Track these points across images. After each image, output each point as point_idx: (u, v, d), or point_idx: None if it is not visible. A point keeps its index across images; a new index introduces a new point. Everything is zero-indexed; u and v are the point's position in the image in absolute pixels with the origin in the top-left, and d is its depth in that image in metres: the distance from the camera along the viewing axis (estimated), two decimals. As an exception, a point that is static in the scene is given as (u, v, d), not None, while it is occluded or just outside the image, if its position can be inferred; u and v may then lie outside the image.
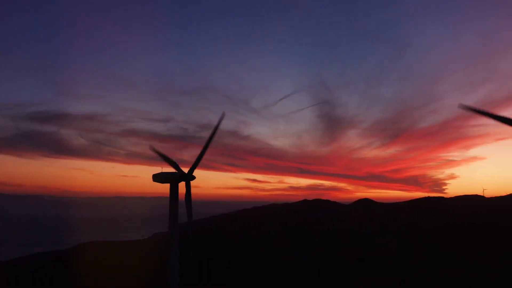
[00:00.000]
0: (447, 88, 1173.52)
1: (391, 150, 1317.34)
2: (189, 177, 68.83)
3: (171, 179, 67.33)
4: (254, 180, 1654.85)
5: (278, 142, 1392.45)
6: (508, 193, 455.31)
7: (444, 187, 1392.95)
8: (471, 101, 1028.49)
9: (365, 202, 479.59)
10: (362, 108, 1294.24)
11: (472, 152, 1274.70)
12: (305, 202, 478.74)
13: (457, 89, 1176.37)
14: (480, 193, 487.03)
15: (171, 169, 69.10)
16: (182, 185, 69.81)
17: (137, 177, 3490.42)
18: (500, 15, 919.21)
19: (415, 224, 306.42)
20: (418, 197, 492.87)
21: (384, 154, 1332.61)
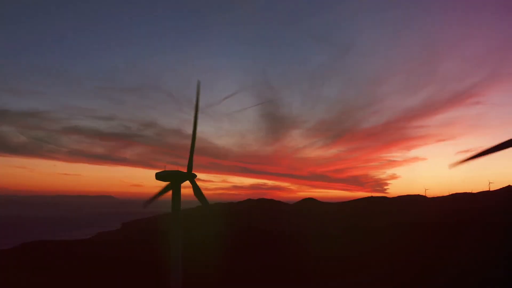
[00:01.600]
0: (389, 89, 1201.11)
1: (333, 150, 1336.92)
2: (191, 176, 70.04)
3: (173, 177, 68.13)
4: (197, 179, 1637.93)
5: (221, 141, 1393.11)
6: (450, 193, 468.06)
7: (385, 187, 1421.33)
8: (412, 102, 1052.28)
9: (309, 202, 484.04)
10: (305, 108, 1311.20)
11: (414, 152, 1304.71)
12: (249, 202, 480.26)
13: (399, 91, 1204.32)
14: (422, 193, 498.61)
15: (171, 168, 70.00)
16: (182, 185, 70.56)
17: (80, 176, 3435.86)
18: (441, 18, 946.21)
19: (359, 224, 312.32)
20: (361, 197, 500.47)
21: (327, 154, 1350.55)
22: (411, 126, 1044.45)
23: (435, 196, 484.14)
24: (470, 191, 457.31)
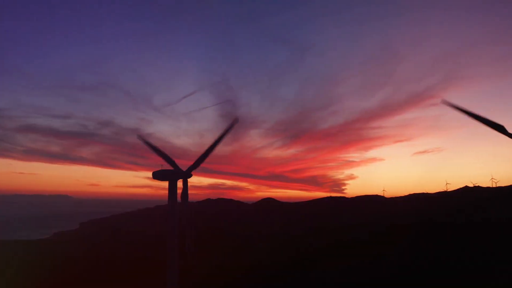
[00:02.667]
0: (347, 90, 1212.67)
1: (292, 151, 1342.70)
2: (187, 175, 68.31)
3: (171, 176, 66.39)
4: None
5: (180, 141, 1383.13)
6: (407, 194, 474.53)
7: (343, 188, 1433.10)
8: (370, 103, 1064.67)
9: (269, 202, 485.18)
10: (264, 108, 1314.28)
11: (371, 153, 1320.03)
12: (208, 202, 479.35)
13: (357, 92, 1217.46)
14: (380, 193, 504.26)
15: (166, 167, 68.61)
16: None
17: (35, 175, 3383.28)
18: (399, 20, 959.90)
19: (320, 224, 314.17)
20: (319, 197, 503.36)
21: (285, 154, 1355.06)
22: (369, 127, 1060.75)
23: (393, 196, 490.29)
24: (427, 192, 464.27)
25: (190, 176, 67.73)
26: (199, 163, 68.30)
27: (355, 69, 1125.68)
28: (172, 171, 66.28)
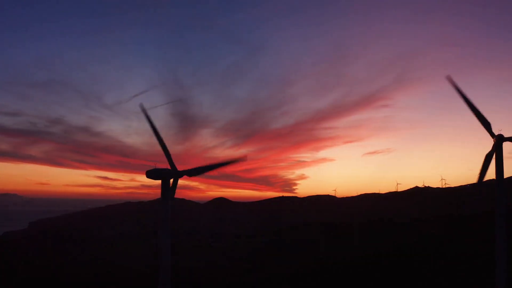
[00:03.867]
0: (299, 91, 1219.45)
1: (243, 150, 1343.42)
2: (179, 174, 66.98)
3: (165, 175, 65.00)
4: (106, 178, 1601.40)
5: (130, 140, 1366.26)
6: (358, 194, 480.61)
7: (294, 187, 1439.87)
8: (322, 104, 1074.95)
9: (221, 201, 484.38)
10: (216, 108, 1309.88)
11: (322, 153, 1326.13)
12: (159, 201, 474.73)
13: (308, 92, 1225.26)
14: (332, 193, 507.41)
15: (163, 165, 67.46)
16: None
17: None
18: (351, 22, 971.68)
19: (271, 223, 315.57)
20: (271, 197, 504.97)
21: (237, 154, 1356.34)
22: (320, 128, 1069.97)
23: (344, 196, 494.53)
24: (378, 192, 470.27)
25: (181, 176, 66.93)
26: (198, 173, 67.35)
27: (308, 70, 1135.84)
28: (165, 170, 65.41)
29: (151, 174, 64.00)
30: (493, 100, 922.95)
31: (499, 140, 58.65)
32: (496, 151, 58.55)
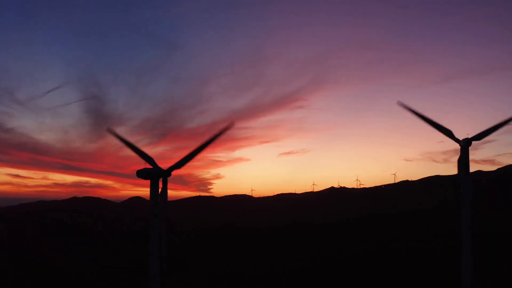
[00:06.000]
0: (216, 90, 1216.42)
1: (159, 149, 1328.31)
2: (167, 174, 64.19)
3: (154, 175, 62.13)
4: (17, 176, 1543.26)
5: (43, 137, 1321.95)
6: (275, 194, 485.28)
7: (210, 187, 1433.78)
8: (238, 104, 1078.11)
9: (137, 200, 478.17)
10: (131, 106, 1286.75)
11: (238, 153, 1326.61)
12: (75, 200, 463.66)
13: (225, 92, 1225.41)
14: (249, 193, 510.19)
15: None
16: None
17: None
18: (269, 23, 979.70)
19: (187, 223, 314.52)
20: (186, 196, 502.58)
21: (152, 153, 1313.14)
22: (236, 127, 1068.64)
23: (261, 196, 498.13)
24: (295, 192, 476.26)
25: (170, 175, 65.04)
26: (183, 163, 65.33)
27: (226, 69, 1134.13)
28: (155, 169, 63.37)
29: (141, 174, 62.34)
30: (411, 103, 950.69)
31: (465, 144, 60.00)
32: (462, 155, 59.89)
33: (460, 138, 61.14)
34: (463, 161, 59.45)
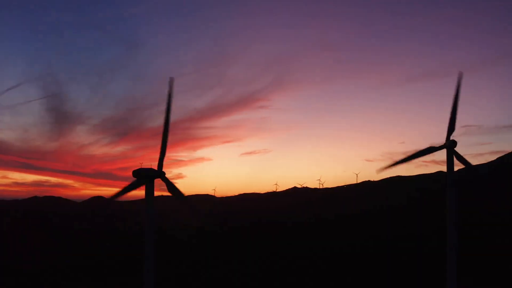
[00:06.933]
0: (178, 89, 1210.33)
1: (120, 148, 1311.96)
2: (161, 174, 64.65)
3: (151, 175, 62.56)
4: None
5: (2, 135, 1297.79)
6: (237, 193, 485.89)
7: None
8: (200, 104, 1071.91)
9: (98, 200, 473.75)
10: (92, 104, 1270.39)
11: (200, 153, 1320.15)
12: (36, 199, 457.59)
13: (188, 91, 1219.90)
14: (211, 192, 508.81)
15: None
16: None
17: None
18: (233, 22, 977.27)
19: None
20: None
21: (113, 152, 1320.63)
22: (198, 127, 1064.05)
23: (224, 196, 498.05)
24: (257, 192, 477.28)
25: (164, 173, 65.85)
26: (162, 157, 66.08)
27: (188, 69, 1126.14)
28: (150, 170, 64.16)
29: (136, 174, 63.14)
30: (372, 104, 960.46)
31: (448, 145, 61.89)
32: (447, 156, 61.77)
33: (438, 141, 63.20)
34: (450, 162, 61.40)
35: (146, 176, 63.93)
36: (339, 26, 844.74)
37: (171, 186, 66.37)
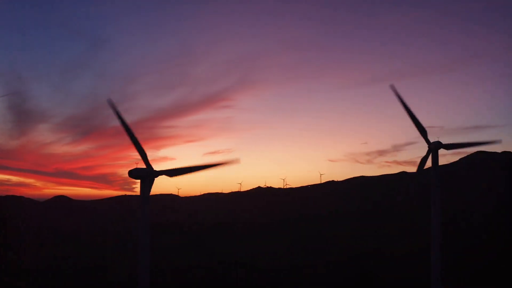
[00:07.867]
0: (142, 88, 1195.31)
1: (82, 147, 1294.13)
2: (156, 174, 63.93)
3: (145, 175, 61.83)
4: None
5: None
6: (202, 193, 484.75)
7: (134, 186, 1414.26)
8: (164, 103, 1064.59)
9: (61, 199, 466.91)
10: (54, 102, 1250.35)
11: (163, 152, 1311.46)
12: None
13: (152, 90, 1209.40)
14: (175, 192, 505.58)
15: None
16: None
17: None
18: (198, 22, 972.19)
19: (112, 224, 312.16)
20: (110, 195, 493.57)
21: (75, 151, 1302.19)
22: (162, 126, 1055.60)
23: (188, 195, 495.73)
24: (221, 191, 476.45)
25: (158, 175, 65.36)
26: (178, 173, 65.50)
27: (152, 67, 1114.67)
28: (146, 169, 63.79)
29: (132, 174, 62.91)
30: (338, 104, 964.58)
31: (433, 147, 62.95)
32: (432, 157, 62.73)
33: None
34: (435, 162, 62.34)
35: (137, 176, 64.13)
36: (304, 26, 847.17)
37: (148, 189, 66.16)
